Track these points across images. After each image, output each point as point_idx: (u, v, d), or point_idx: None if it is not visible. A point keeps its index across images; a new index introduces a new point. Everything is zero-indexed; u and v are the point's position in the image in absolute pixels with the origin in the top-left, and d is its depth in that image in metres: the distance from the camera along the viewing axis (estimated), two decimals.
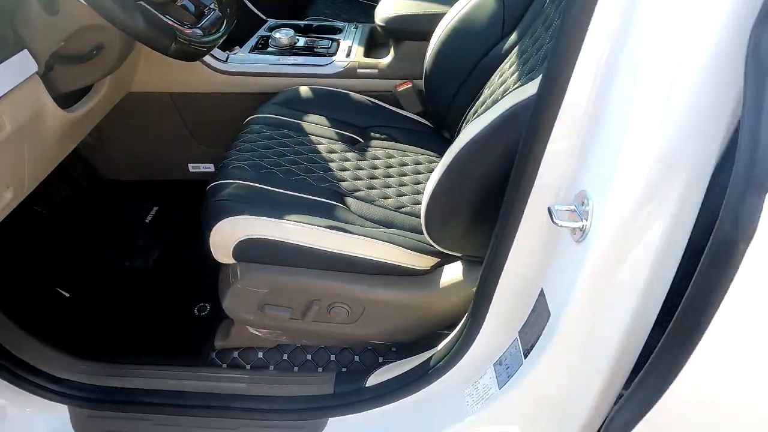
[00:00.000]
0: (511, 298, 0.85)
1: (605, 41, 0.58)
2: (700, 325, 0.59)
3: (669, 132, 0.56)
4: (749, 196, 0.52)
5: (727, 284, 0.56)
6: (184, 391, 1.22)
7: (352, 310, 1.15)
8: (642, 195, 0.58)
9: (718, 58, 0.54)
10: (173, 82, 1.57)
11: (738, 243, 0.53)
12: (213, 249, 1.12)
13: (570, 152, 0.65)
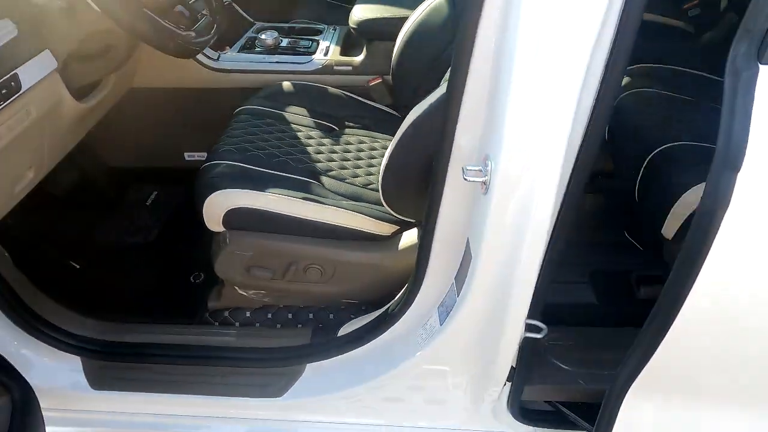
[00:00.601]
0: (445, 249, 1.05)
1: (492, 37, 0.77)
2: (690, 278, 0.79)
3: (536, 109, 0.76)
4: (725, 175, 0.71)
5: (710, 244, 0.75)
6: (181, 344, 1.41)
7: (324, 271, 1.35)
8: (520, 155, 0.78)
9: (567, 46, 0.74)
10: (171, 78, 1.77)
11: (717, 211, 0.72)
12: (206, 219, 1.32)
13: (477, 125, 0.85)
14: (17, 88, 1.10)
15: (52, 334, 1.37)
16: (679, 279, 0.83)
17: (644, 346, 0.96)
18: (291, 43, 1.82)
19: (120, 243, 1.74)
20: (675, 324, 0.88)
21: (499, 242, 0.88)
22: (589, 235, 1.60)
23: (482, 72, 0.80)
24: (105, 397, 1.39)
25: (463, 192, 0.94)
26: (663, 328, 0.90)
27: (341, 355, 1.31)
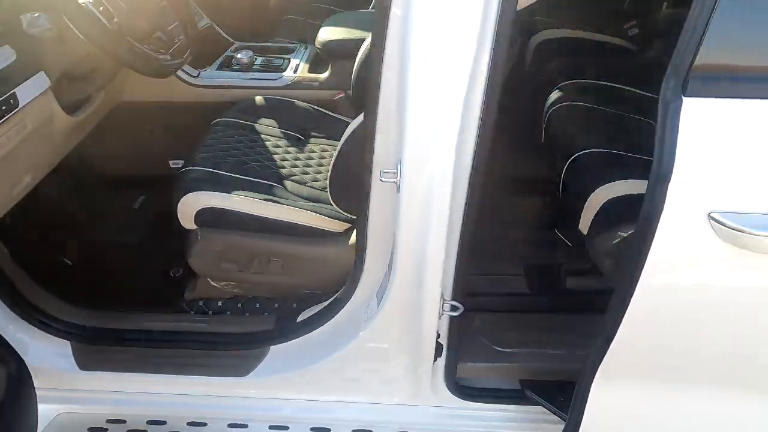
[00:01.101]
0: (379, 242, 1.22)
1: (396, 54, 0.95)
2: (637, 271, 0.94)
3: (428, 118, 0.94)
4: (658, 187, 0.87)
5: (650, 242, 0.91)
6: (160, 330, 1.59)
7: (285, 264, 1.53)
8: (419, 159, 0.96)
9: (451, 62, 0.91)
10: (156, 93, 1.96)
11: (653, 217, 0.88)
12: (180, 217, 1.50)
13: (391, 133, 1.03)
14: (15, 104, 1.29)
15: (45, 320, 1.55)
16: (628, 273, 0.98)
17: (604, 334, 1.10)
18: (264, 61, 2.01)
19: (109, 242, 1.92)
20: (628, 312, 1.02)
21: (410, 233, 1.06)
22: (525, 234, 1.79)
23: (391, 85, 0.98)
24: (91, 377, 1.56)
25: (386, 191, 1.12)
26: (618, 318, 1.04)
27: (299, 338, 1.48)
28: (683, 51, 0.82)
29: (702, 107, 0.84)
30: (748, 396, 1.17)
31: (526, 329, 1.51)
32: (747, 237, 0.87)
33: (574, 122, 1.61)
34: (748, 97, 0.85)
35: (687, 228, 0.90)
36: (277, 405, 1.56)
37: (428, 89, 0.93)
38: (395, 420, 1.54)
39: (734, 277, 0.96)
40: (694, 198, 0.88)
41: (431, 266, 1.08)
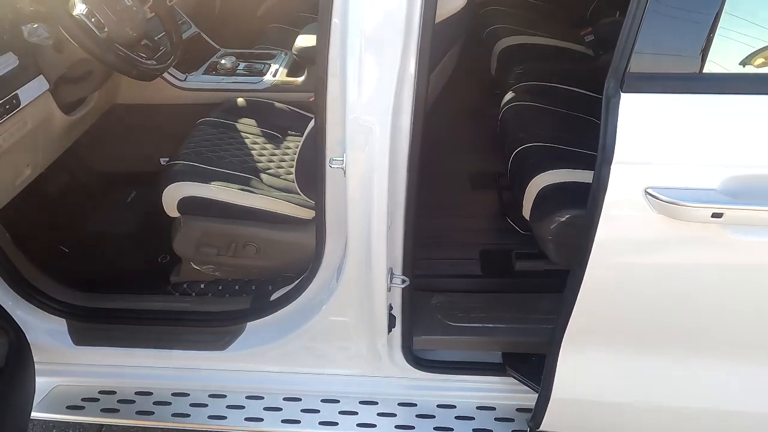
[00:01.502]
0: (337, 223, 1.38)
1: (336, 59, 1.11)
2: (588, 243, 1.08)
3: (363, 101, 1.09)
4: (603, 167, 1.01)
5: (598, 219, 1.05)
6: (147, 310, 1.75)
7: (259, 248, 1.69)
8: (359, 147, 1.13)
9: (381, 61, 1.07)
10: (147, 96, 2.14)
11: (599, 195, 1.02)
12: (164, 206, 1.66)
13: (338, 126, 1.19)
14: (17, 104, 1.46)
15: (43, 300, 1.70)
16: (581, 246, 1.11)
17: (565, 305, 1.22)
18: (247, 66, 2.19)
19: (102, 232, 2.08)
20: (583, 283, 1.14)
21: (357, 213, 1.22)
22: (481, 223, 1.95)
23: (335, 85, 1.14)
24: (85, 352, 1.71)
25: (338, 177, 1.28)
26: (575, 289, 1.17)
27: (272, 315, 1.64)
28: (620, 55, 0.99)
29: (636, 101, 1.00)
30: (694, 355, 1.27)
31: (478, 307, 1.66)
32: (676, 207, 1.02)
33: (522, 120, 1.78)
34: (672, 92, 1.00)
35: (628, 203, 1.05)
36: (252, 377, 1.71)
37: (364, 88, 1.09)
38: (358, 390, 1.69)
39: (668, 245, 1.10)
40: (633, 177, 1.03)
41: (376, 242, 1.24)
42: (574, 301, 1.19)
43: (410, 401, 1.68)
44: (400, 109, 1.12)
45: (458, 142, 2.30)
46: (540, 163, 1.55)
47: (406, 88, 1.10)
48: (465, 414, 1.65)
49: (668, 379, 1.33)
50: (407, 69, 1.09)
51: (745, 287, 1.14)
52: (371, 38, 1.06)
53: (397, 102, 1.10)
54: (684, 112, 1.02)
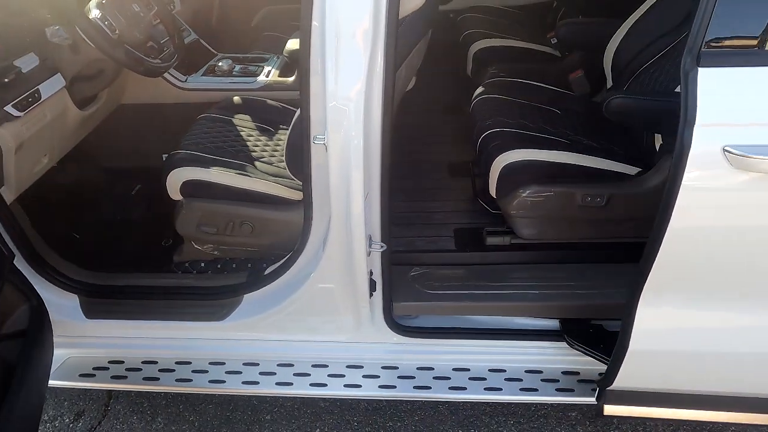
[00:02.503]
0: (321, 197, 1.56)
1: (318, 54, 1.30)
2: (672, 198, 1.19)
3: (339, 89, 1.29)
4: (686, 130, 1.15)
5: (681, 175, 1.17)
6: (152, 286, 1.92)
7: (254, 227, 1.88)
8: (337, 124, 1.32)
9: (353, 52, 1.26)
10: (151, 96, 2.33)
11: (684, 153, 1.16)
12: (168, 189, 1.85)
13: (320, 110, 1.38)
14: (38, 98, 1.66)
15: (58, 278, 1.87)
16: (666, 200, 1.22)
17: (645, 260, 1.32)
18: (242, 68, 2.39)
19: (110, 220, 2.26)
20: (666, 237, 1.25)
21: (338, 185, 1.41)
22: (457, 205, 2.14)
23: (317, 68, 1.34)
24: (96, 325, 1.88)
25: (322, 154, 1.47)
26: (656, 242, 1.27)
27: (266, 287, 1.81)
28: (695, 35, 1.16)
29: (711, 74, 1.16)
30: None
31: (452, 277, 1.84)
32: (751, 161, 1.16)
33: (489, 110, 1.98)
34: (741, 65, 1.17)
35: (708, 160, 1.19)
36: (249, 345, 1.88)
37: (340, 78, 1.28)
38: (346, 355, 1.86)
39: (744, 196, 1.24)
40: (711, 137, 1.17)
41: (355, 210, 1.42)
42: (656, 253, 1.30)
43: (392, 364, 1.85)
44: (371, 94, 1.31)
45: (437, 134, 2.51)
46: (503, 145, 1.75)
47: (375, 75, 1.30)
48: (442, 375, 1.82)
49: (746, 328, 1.42)
50: (376, 59, 1.28)
51: None
52: (344, 36, 1.25)
53: (368, 88, 1.29)
54: (752, 82, 1.18)
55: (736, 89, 1.19)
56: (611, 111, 1.51)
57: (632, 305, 1.41)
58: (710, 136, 1.18)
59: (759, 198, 1.24)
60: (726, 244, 1.31)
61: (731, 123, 1.19)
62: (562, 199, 1.71)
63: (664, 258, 1.30)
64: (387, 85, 1.32)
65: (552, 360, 1.80)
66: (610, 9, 2.18)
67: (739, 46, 1.19)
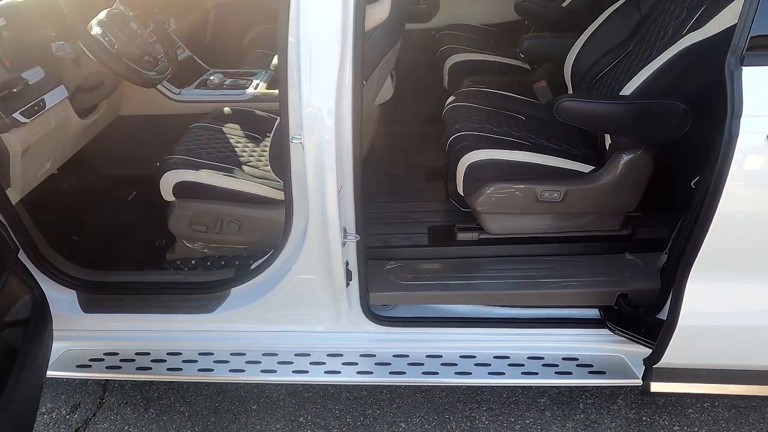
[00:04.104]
0: (300, 197, 1.71)
1: (294, 67, 1.47)
2: (722, 181, 1.36)
3: (313, 97, 1.45)
4: (734, 121, 1.33)
5: (730, 161, 1.34)
6: (146, 282, 2.06)
7: (241, 225, 2.02)
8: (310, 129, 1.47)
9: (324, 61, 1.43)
10: (147, 108, 2.50)
11: (732, 141, 1.32)
12: (162, 191, 2.00)
13: (297, 113, 1.53)
14: (43, 106, 1.82)
15: (57, 274, 2.00)
16: (715, 184, 1.36)
17: (694, 237, 1.45)
18: (232, 81, 2.57)
19: (107, 223, 2.41)
20: (715, 217, 1.38)
21: (314, 181, 1.56)
22: (431, 206, 2.29)
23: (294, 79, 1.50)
24: (92, 319, 2.00)
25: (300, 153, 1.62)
26: (706, 221, 1.39)
27: (252, 280, 1.94)
28: (738, 38, 1.32)
29: (755, 72, 1.31)
30: None
31: (425, 270, 1.98)
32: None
33: (458, 116, 2.15)
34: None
35: (753, 146, 1.34)
36: (236, 336, 2.01)
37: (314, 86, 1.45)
38: (326, 344, 1.98)
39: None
40: (756, 126, 1.32)
41: (330, 203, 1.57)
42: (705, 233, 1.43)
43: (370, 352, 1.98)
44: (341, 100, 1.48)
45: (416, 143, 2.68)
46: (468, 146, 1.91)
47: (345, 84, 1.46)
48: (416, 361, 1.95)
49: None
50: (345, 69, 1.45)
51: None
52: (316, 50, 1.42)
53: (338, 95, 1.46)
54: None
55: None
56: (560, 113, 1.68)
57: (681, 284, 1.53)
58: (755, 125, 1.32)
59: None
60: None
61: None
62: (523, 195, 1.86)
63: (712, 239, 1.42)
64: (356, 92, 1.48)
65: (518, 346, 1.94)
66: (572, 26, 2.38)
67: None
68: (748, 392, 1.77)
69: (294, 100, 1.50)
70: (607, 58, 2.05)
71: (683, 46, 1.64)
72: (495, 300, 1.91)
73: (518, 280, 1.91)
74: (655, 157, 1.80)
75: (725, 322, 1.59)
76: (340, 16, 1.39)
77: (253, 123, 2.36)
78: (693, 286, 1.52)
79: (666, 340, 1.59)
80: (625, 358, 1.89)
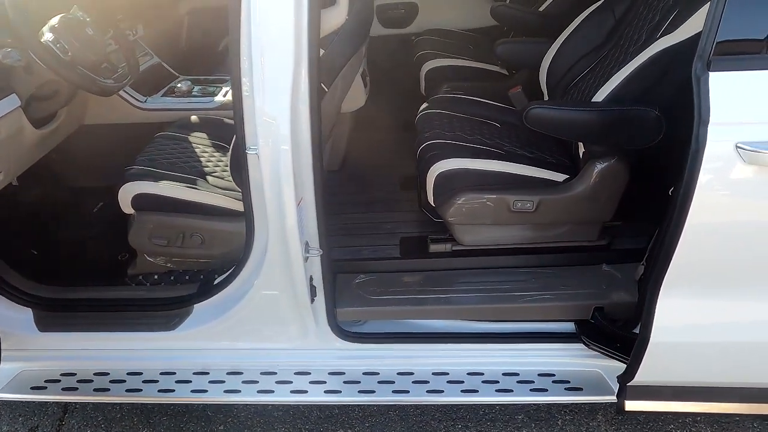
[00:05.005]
0: (260, 210, 1.63)
1: (247, 77, 1.40)
2: (690, 191, 1.29)
3: (266, 106, 1.38)
4: (701, 128, 1.25)
5: (698, 170, 1.26)
6: (105, 299, 1.97)
7: (204, 238, 1.94)
8: (264, 139, 1.40)
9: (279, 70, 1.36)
10: (112, 117, 2.42)
11: (699, 150, 1.26)
12: (120, 204, 1.92)
13: (251, 119, 1.46)
14: None
15: (12, 291, 1.92)
16: (682, 195, 1.30)
17: (664, 249, 1.39)
18: (201, 89, 2.49)
19: (70, 237, 2.32)
20: (685, 226, 1.32)
21: (271, 193, 1.49)
22: (404, 216, 2.22)
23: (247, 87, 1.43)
24: (49, 338, 1.91)
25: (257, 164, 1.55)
26: (675, 234, 1.34)
27: (214, 296, 1.87)
28: (704, 42, 1.26)
29: (721, 78, 1.25)
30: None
31: (395, 284, 1.91)
32: (763, 156, 1.25)
33: (430, 124, 2.08)
34: (748, 69, 1.26)
35: (722, 156, 1.28)
36: (200, 354, 1.92)
37: (267, 93, 1.38)
38: (293, 362, 1.90)
39: (758, 190, 1.32)
40: (724, 134, 1.26)
41: (289, 216, 1.50)
42: (674, 248, 1.37)
43: (339, 370, 1.90)
44: (297, 108, 1.40)
45: (392, 150, 2.61)
46: (437, 155, 1.84)
47: (301, 91, 1.39)
48: (386, 379, 1.87)
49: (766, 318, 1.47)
50: (300, 76, 1.38)
51: None
52: (269, 56, 1.35)
53: (294, 103, 1.39)
54: (760, 84, 1.27)
55: (747, 91, 1.27)
56: (530, 121, 1.62)
57: (652, 299, 1.47)
58: (723, 134, 1.26)
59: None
60: (743, 236, 1.38)
61: (743, 121, 1.27)
62: (495, 205, 1.80)
63: (682, 252, 1.36)
64: (313, 99, 1.41)
65: (492, 362, 1.86)
66: (550, 31, 2.32)
67: (746, 51, 1.27)
68: (728, 410, 1.71)
69: (248, 108, 1.42)
70: (582, 63, 1.99)
71: (655, 51, 1.59)
72: (468, 315, 1.84)
73: (492, 294, 1.84)
74: (630, 166, 1.74)
75: (700, 338, 1.52)
76: (293, 20, 1.32)
77: (220, 132, 2.28)
78: (666, 301, 1.45)
79: (639, 357, 1.52)
80: (603, 374, 1.82)
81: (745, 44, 1.28)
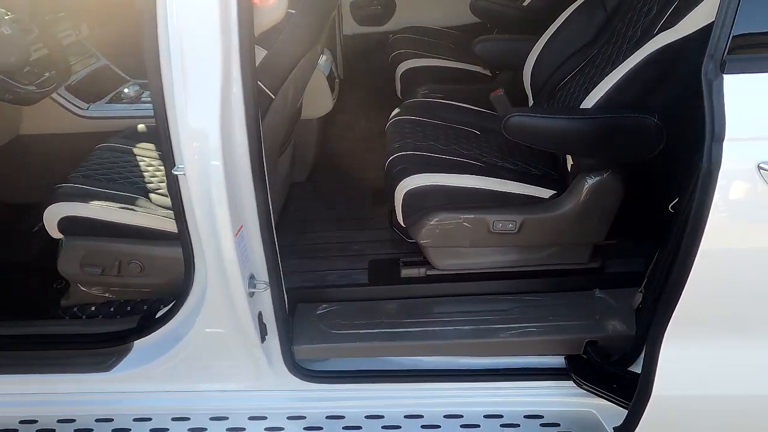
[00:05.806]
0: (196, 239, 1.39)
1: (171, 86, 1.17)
2: (702, 222, 1.05)
3: (188, 112, 1.15)
4: (715, 146, 1.01)
5: (712, 196, 1.03)
6: (32, 335, 1.72)
7: (144, 265, 1.70)
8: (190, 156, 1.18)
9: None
10: (50, 126, 2.18)
11: (713, 171, 1.02)
12: (47, 227, 1.67)
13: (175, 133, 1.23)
14: None
15: None
16: (692, 228, 1.07)
17: (670, 290, 1.16)
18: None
19: (1, 261, 2.07)
20: (695, 265, 1.10)
21: (204, 219, 1.25)
22: (375, 234, 1.99)
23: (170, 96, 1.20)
24: None
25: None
26: (684, 272, 1.11)
27: (155, 333, 1.63)
28: (716, 41, 1.02)
29: (740, 81, 1.03)
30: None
31: (361, 315, 1.68)
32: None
33: (400, 132, 1.85)
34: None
35: (741, 177, 1.06)
36: (141, 398, 1.69)
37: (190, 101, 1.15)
38: (247, 405, 1.67)
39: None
40: (744, 153, 1.04)
41: (225, 246, 1.27)
42: (684, 282, 1.13)
43: (298, 414, 1.67)
44: (230, 118, 1.17)
45: (363, 161, 2.38)
46: (405, 170, 1.62)
47: (233, 98, 1.16)
48: (353, 424, 1.65)
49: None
50: (230, 82, 1.15)
51: None
52: (191, 59, 1.13)
53: (224, 113, 1.16)
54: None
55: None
56: (510, 131, 1.40)
57: (655, 342, 1.22)
58: (742, 152, 1.03)
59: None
60: (761, 274, 1.14)
61: (766, 136, 1.04)
62: (473, 226, 1.58)
63: (693, 287, 1.13)
64: (249, 105, 1.18)
65: (472, 402, 1.64)
66: (535, 27, 2.10)
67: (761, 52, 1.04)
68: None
69: (171, 119, 1.19)
70: (571, 62, 1.77)
71: (653, 49, 1.36)
72: (444, 351, 1.62)
73: (472, 327, 1.62)
74: (625, 180, 1.52)
75: (714, 391, 1.29)
76: (218, 13, 1.08)
77: None
78: (672, 343, 1.22)
79: (639, 410, 1.30)
80: (598, 415, 1.60)
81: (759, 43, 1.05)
